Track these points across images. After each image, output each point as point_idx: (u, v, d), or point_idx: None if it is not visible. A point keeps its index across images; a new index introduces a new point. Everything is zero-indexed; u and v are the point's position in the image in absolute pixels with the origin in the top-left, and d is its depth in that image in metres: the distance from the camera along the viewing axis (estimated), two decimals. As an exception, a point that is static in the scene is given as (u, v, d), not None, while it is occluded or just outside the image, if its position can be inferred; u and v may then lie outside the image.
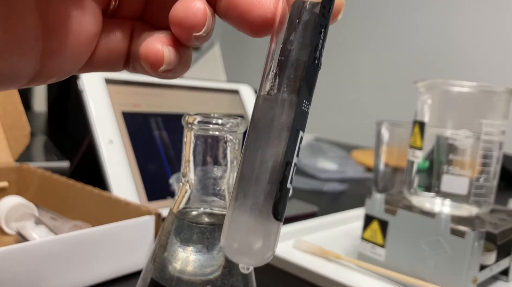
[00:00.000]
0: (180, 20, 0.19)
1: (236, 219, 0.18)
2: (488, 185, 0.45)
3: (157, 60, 0.19)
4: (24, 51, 0.18)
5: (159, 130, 0.61)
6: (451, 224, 0.42)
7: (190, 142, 0.24)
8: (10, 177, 0.54)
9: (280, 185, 0.17)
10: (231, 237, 0.18)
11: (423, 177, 0.47)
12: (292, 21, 0.18)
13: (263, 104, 0.18)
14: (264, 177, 0.17)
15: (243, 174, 0.18)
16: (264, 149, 0.17)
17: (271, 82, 0.18)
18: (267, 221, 0.17)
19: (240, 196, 0.18)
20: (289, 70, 0.18)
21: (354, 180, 0.92)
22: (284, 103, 0.18)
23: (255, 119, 0.18)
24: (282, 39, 0.18)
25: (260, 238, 0.17)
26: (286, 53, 0.18)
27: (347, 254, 0.50)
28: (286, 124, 0.18)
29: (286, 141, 0.18)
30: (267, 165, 0.17)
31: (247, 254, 0.18)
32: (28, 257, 0.34)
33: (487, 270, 0.45)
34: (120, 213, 0.44)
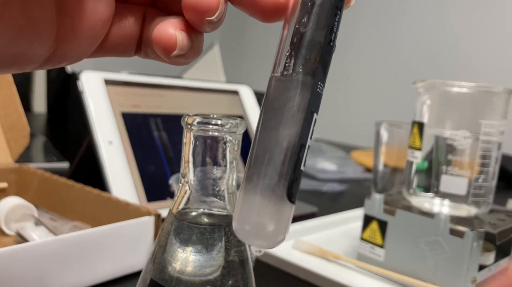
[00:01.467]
0: (194, 5, 0.19)
1: (248, 200, 0.17)
2: (487, 185, 0.45)
3: (170, 44, 0.20)
4: (39, 33, 0.18)
5: (159, 130, 0.61)
6: (450, 225, 0.42)
7: (190, 143, 0.24)
8: (9, 178, 0.54)
9: (295, 166, 0.17)
10: (243, 219, 0.17)
11: (422, 177, 0.47)
12: (306, 2, 0.18)
13: (277, 85, 0.18)
14: (278, 158, 0.17)
15: (257, 155, 0.17)
16: (279, 130, 0.17)
17: (286, 63, 0.18)
18: (281, 203, 0.17)
19: (254, 177, 0.17)
20: (305, 51, 0.18)
21: (354, 181, 0.93)
22: (299, 84, 0.17)
23: (269, 100, 0.18)
24: (296, 21, 0.18)
25: (273, 220, 0.17)
26: (301, 35, 0.18)
27: (346, 255, 0.50)
28: (301, 106, 0.17)
29: (301, 123, 0.17)
30: (282, 146, 0.17)
31: (260, 236, 0.17)
32: (27, 258, 0.35)
33: (486, 270, 0.45)
34: (119, 214, 0.44)
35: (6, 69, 0.19)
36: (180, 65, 0.21)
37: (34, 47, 0.19)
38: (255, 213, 0.17)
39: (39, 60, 0.19)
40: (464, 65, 1.69)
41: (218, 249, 0.25)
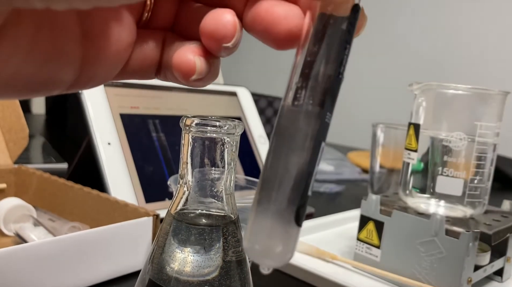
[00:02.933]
0: (211, 32, 0.20)
1: (259, 222, 0.19)
2: (482, 186, 0.45)
3: (189, 70, 0.21)
4: (66, 60, 0.19)
5: (157, 132, 0.61)
6: (446, 225, 0.43)
7: (188, 144, 0.25)
8: (8, 178, 0.54)
9: (303, 193, 0.18)
10: (253, 239, 0.19)
11: (418, 178, 0.47)
12: (318, 35, 0.19)
13: (288, 114, 0.19)
14: (288, 184, 0.18)
15: (268, 179, 0.19)
16: (289, 158, 0.18)
17: (297, 93, 0.19)
18: (289, 227, 0.18)
19: (264, 201, 0.18)
20: (315, 84, 0.19)
21: (350, 182, 0.93)
22: (309, 115, 0.19)
23: (280, 128, 0.19)
24: (307, 51, 0.19)
25: (281, 242, 0.18)
26: (312, 67, 0.19)
27: (343, 255, 0.50)
28: (311, 135, 0.18)
29: (311, 152, 0.18)
30: (291, 173, 0.18)
31: (269, 256, 0.19)
32: (26, 258, 0.35)
33: (482, 271, 0.45)
34: (118, 215, 0.45)
35: (34, 94, 0.20)
36: (197, 87, 0.22)
37: (61, 73, 0.19)
38: (265, 235, 0.18)
39: (65, 84, 0.20)
40: (460, 68, 1.69)
41: (216, 250, 0.25)
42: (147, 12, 0.22)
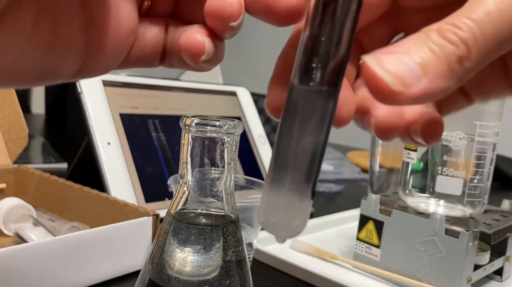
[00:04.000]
0: (217, 11, 0.20)
1: (274, 197, 0.20)
2: (482, 186, 0.45)
3: (199, 50, 0.20)
4: (68, 47, 0.19)
5: (157, 132, 0.61)
6: (445, 225, 0.43)
7: (188, 144, 0.25)
8: (8, 178, 0.54)
9: (317, 169, 0.19)
10: (269, 213, 0.20)
11: (418, 178, 0.47)
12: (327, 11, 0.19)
13: (303, 94, 0.19)
14: (305, 162, 0.19)
15: (284, 158, 0.20)
16: (306, 137, 0.19)
17: (310, 73, 0.19)
18: (305, 201, 0.19)
19: (280, 177, 0.19)
20: (331, 64, 0.19)
21: (350, 181, 0.93)
22: (326, 95, 0.19)
23: (294, 107, 0.19)
24: (318, 29, 0.19)
25: (298, 215, 0.20)
26: (327, 48, 0.19)
27: (342, 254, 0.50)
28: (326, 115, 0.19)
29: (326, 131, 0.19)
30: (308, 151, 0.19)
31: (285, 228, 0.20)
32: (26, 258, 0.35)
33: (481, 270, 0.45)
34: (118, 215, 0.45)
35: (38, 83, 0.20)
36: (205, 71, 0.22)
37: (64, 61, 0.20)
38: (282, 209, 0.20)
39: (69, 73, 0.20)
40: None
41: (216, 249, 0.25)
42: (146, 1, 0.22)
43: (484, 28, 0.17)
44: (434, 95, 0.18)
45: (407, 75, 0.17)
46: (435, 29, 0.18)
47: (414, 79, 0.17)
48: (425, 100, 0.18)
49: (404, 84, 0.17)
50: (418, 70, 0.17)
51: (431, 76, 0.17)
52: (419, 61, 0.17)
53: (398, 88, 0.17)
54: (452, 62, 0.17)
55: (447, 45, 0.17)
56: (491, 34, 0.17)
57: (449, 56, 0.17)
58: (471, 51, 0.17)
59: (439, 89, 0.17)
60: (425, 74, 0.17)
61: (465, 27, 0.17)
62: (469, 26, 0.17)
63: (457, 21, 0.17)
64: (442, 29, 0.18)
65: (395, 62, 0.18)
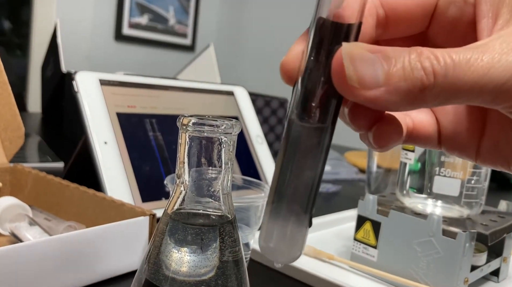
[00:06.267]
0: None
1: (274, 225, 0.21)
2: (479, 186, 0.45)
3: None
4: None
5: (154, 131, 0.61)
6: (442, 225, 0.43)
7: (185, 144, 0.25)
8: (4, 177, 0.54)
9: (314, 199, 0.21)
10: (269, 239, 0.21)
11: (415, 178, 0.47)
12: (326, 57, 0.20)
13: (302, 130, 0.21)
14: (303, 194, 0.21)
15: (284, 189, 0.21)
16: (305, 171, 0.21)
17: (310, 111, 0.20)
18: (303, 230, 0.21)
19: (279, 208, 0.21)
20: (331, 106, 0.21)
21: (347, 182, 0.93)
22: (324, 132, 0.21)
23: (293, 142, 0.21)
24: (320, 76, 0.20)
25: (296, 243, 0.21)
26: (326, 90, 0.20)
27: (340, 255, 0.50)
28: (324, 149, 0.21)
29: (322, 164, 0.21)
30: (306, 185, 0.21)
31: (283, 254, 0.21)
32: (22, 258, 0.35)
33: (478, 271, 0.45)
34: (114, 214, 0.44)
35: None
36: None
37: None
38: (281, 237, 0.21)
39: None
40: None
41: (213, 250, 0.25)
42: None
43: (458, 71, 0.18)
44: (384, 105, 0.18)
45: (369, 77, 0.18)
46: (419, 51, 0.18)
47: (373, 84, 0.18)
48: (374, 104, 0.19)
49: (362, 84, 0.18)
50: (381, 77, 0.18)
51: (390, 88, 0.18)
52: (386, 70, 0.18)
53: (354, 84, 0.18)
54: (414, 86, 0.18)
55: (419, 70, 0.18)
56: (460, 80, 0.18)
57: (414, 79, 0.18)
58: (436, 85, 0.18)
59: (391, 102, 0.18)
60: (386, 84, 0.18)
61: (442, 62, 0.18)
62: (446, 63, 0.18)
63: (439, 54, 0.18)
64: (423, 53, 0.18)
65: (366, 61, 0.18)
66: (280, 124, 0.97)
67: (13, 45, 2.74)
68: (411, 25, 0.24)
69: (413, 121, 0.25)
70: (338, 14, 0.20)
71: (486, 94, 0.18)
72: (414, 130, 0.25)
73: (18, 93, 1.48)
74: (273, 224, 0.21)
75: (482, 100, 0.19)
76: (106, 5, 2.66)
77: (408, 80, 0.18)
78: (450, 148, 0.25)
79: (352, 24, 0.20)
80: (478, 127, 0.24)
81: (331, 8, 0.20)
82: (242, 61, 3.02)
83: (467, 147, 0.24)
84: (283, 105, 0.97)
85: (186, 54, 2.98)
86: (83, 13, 2.55)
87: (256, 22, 3.01)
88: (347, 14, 0.20)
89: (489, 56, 0.18)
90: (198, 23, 3.07)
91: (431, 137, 0.25)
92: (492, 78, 0.18)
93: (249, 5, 3.06)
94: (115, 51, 2.71)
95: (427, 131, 0.25)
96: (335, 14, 0.20)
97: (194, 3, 3.03)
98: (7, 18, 2.75)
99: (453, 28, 0.23)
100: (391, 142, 0.23)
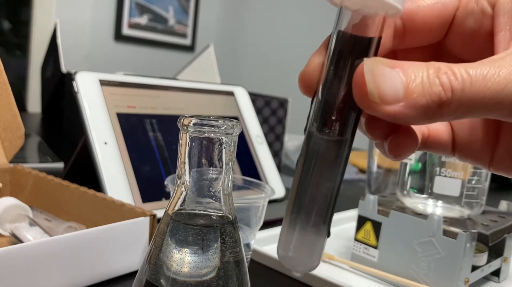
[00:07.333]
0: None
1: (293, 235, 0.21)
2: (480, 187, 0.45)
3: None
4: None
5: (154, 131, 0.61)
6: (443, 226, 0.43)
7: (186, 144, 0.24)
8: (4, 178, 0.54)
9: (333, 210, 0.21)
10: (288, 249, 0.22)
11: (416, 179, 0.47)
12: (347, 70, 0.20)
13: (323, 143, 0.21)
14: (323, 205, 0.21)
15: (303, 200, 0.21)
16: (325, 183, 0.21)
17: (331, 125, 0.21)
18: (321, 239, 0.21)
19: (298, 218, 0.21)
20: (350, 119, 0.21)
21: (348, 182, 0.93)
22: (343, 144, 0.21)
23: (313, 154, 0.21)
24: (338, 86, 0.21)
25: (315, 252, 0.21)
26: (346, 104, 0.21)
27: (340, 255, 0.50)
28: (344, 161, 0.21)
29: (341, 175, 0.21)
30: (326, 196, 0.21)
31: (302, 264, 0.22)
32: (22, 258, 0.34)
33: (479, 271, 0.45)
34: (115, 215, 0.44)
35: None
36: None
37: None
38: (300, 246, 0.21)
39: None
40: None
41: (214, 250, 0.25)
42: None
43: (475, 87, 0.18)
44: (403, 119, 0.19)
45: (389, 93, 0.19)
46: (437, 66, 0.19)
47: (394, 99, 0.18)
48: (394, 119, 0.19)
49: (383, 99, 0.19)
50: (401, 92, 0.18)
51: (409, 103, 0.18)
52: (406, 85, 0.18)
53: (375, 99, 0.19)
54: (433, 102, 0.18)
55: (437, 85, 0.18)
56: (477, 95, 0.18)
57: (432, 95, 0.18)
58: (453, 100, 0.18)
59: (410, 117, 0.19)
60: (405, 99, 0.18)
61: (459, 77, 0.18)
62: (463, 78, 0.18)
63: (456, 69, 0.18)
64: (441, 69, 0.19)
65: (386, 77, 0.19)
66: (280, 124, 0.97)
67: (13, 45, 2.74)
68: (428, 35, 0.24)
69: (429, 129, 0.25)
70: (359, 27, 0.20)
71: (503, 109, 0.18)
72: (429, 138, 0.25)
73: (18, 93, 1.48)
74: (292, 234, 0.21)
75: (499, 115, 0.19)
76: (105, 5, 2.66)
77: (427, 95, 0.18)
78: (464, 156, 0.25)
79: (372, 38, 0.20)
80: (492, 136, 0.24)
81: (351, 21, 0.20)
82: (242, 61, 3.02)
83: (481, 155, 0.24)
84: (283, 105, 0.97)
85: (186, 54, 2.98)
86: (83, 13, 2.55)
87: (256, 22, 3.01)
88: (368, 27, 0.20)
89: (506, 71, 0.18)
90: (197, 23, 3.07)
91: (446, 145, 0.25)
92: (509, 93, 0.18)
93: (249, 5, 3.06)
94: (114, 51, 2.71)
95: (442, 139, 0.25)
96: (355, 27, 0.20)
97: (194, 3, 3.03)
98: (7, 18, 2.75)
99: (470, 39, 0.23)
100: (406, 151, 0.23)
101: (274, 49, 2.85)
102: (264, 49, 2.93)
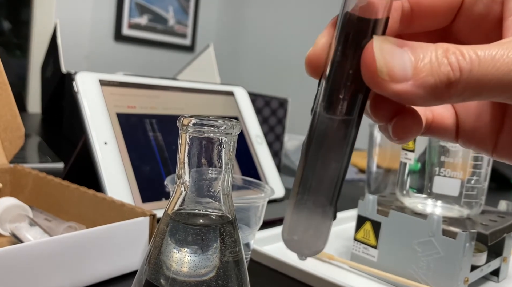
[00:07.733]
0: None
1: (299, 218, 0.21)
2: (479, 186, 0.45)
3: None
4: None
5: (154, 131, 0.61)
6: (442, 225, 0.43)
7: (185, 144, 0.25)
8: (4, 178, 0.54)
9: (339, 192, 0.21)
10: (293, 232, 0.21)
11: (415, 178, 0.47)
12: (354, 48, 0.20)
13: (330, 123, 0.21)
14: (329, 186, 0.21)
15: (310, 182, 0.21)
16: (331, 163, 0.21)
17: (339, 105, 0.21)
18: (328, 221, 0.21)
19: (304, 199, 0.21)
20: (357, 98, 0.21)
21: (347, 182, 0.93)
22: (351, 124, 0.21)
23: (320, 134, 0.21)
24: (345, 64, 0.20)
25: (321, 235, 0.21)
26: (356, 85, 0.20)
27: (340, 255, 0.50)
28: (351, 142, 0.21)
29: (348, 156, 0.21)
30: (332, 177, 0.21)
31: (307, 247, 0.21)
32: (22, 258, 0.35)
33: (478, 271, 0.45)
34: (114, 215, 0.44)
35: None
36: None
37: None
38: (306, 229, 0.21)
39: None
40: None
41: (213, 250, 0.25)
42: None
43: (483, 67, 0.18)
44: (411, 99, 0.19)
45: (398, 71, 0.18)
46: (445, 47, 0.19)
47: (402, 77, 0.18)
48: (401, 98, 0.19)
49: (392, 77, 0.18)
50: (410, 71, 0.18)
51: (418, 82, 0.18)
52: (414, 64, 0.18)
53: (384, 77, 0.19)
54: (441, 81, 0.18)
55: (445, 65, 0.18)
56: (485, 76, 0.18)
57: (441, 74, 0.18)
58: (461, 80, 0.18)
59: (418, 96, 0.19)
60: (414, 78, 0.18)
61: (468, 57, 0.18)
62: (471, 58, 0.18)
63: (465, 50, 0.18)
64: (449, 49, 0.19)
65: (396, 55, 0.19)
66: (279, 124, 0.97)
67: (13, 45, 2.74)
68: (435, 20, 0.24)
69: (433, 114, 0.25)
70: (365, 9, 0.20)
71: (511, 91, 0.18)
72: (434, 122, 0.25)
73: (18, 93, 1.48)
74: (298, 216, 0.21)
75: (506, 97, 0.19)
76: (105, 5, 2.66)
77: (435, 75, 0.18)
78: (467, 142, 0.25)
79: (379, 19, 0.20)
80: (496, 122, 0.24)
81: (358, 3, 0.20)
82: (242, 61, 3.02)
83: (484, 141, 0.24)
84: (283, 105, 0.97)
85: (186, 54, 2.98)
86: (83, 13, 2.55)
87: (256, 22, 3.01)
88: (374, 9, 0.20)
89: None
90: (197, 23, 3.07)
91: (449, 130, 0.25)
92: None
93: (249, 5, 3.06)
94: (114, 52, 2.71)
95: (446, 124, 0.25)
96: (362, 9, 0.20)
97: (194, 3, 3.03)
98: (7, 18, 2.75)
99: (478, 25, 0.23)
100: (410, 134, 0.23)
101: (274, 49, 2.85)
102: (264, 49, 2.93)
